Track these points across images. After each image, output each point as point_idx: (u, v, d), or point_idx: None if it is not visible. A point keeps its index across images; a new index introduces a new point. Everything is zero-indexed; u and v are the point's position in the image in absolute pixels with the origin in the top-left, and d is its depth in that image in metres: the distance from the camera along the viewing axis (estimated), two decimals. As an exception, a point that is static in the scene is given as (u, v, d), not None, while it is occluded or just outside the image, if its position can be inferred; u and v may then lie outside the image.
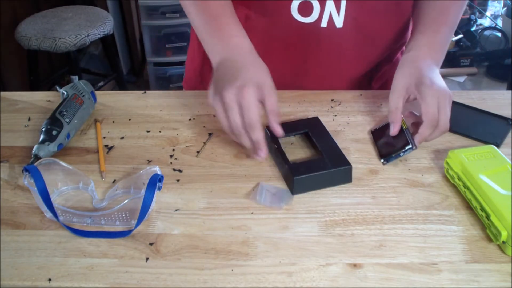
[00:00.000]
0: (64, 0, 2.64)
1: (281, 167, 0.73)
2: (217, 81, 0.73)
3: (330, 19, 0.84)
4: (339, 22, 0.85)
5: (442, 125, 0.73)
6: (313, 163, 0.72)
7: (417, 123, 0.76)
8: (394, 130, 0.76)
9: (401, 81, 0.77)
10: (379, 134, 0.80)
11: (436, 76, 0.76)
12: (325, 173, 0.70)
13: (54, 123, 0.77)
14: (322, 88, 0.93)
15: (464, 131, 0.81)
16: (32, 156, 0.74)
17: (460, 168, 0.68)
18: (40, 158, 0.73)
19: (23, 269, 0.59)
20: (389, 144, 0.76)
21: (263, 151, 0.70)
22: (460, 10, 0.87)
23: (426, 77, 0.75)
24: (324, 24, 0.85)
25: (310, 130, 0.78)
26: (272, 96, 0.71)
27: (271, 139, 0.75)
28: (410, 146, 0.74)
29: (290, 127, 0.79)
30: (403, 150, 0.74)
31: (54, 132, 0.76)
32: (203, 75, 1.03)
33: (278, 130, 0.71)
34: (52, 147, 0.75)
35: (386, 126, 0.79)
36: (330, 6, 0.83)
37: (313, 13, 0.84)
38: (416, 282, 0.57)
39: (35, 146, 0.74)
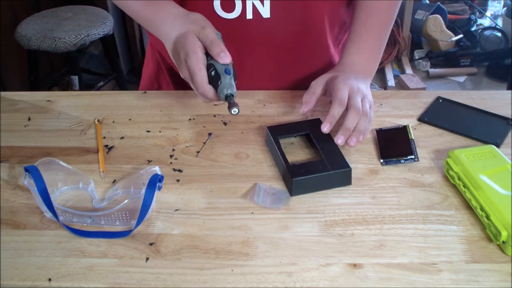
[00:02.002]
0: (64, 0, 2.64)
1: (280, 167, 0.73)
2: (170, 52, 0.78)
3: (255, 11, 0.85)
4: (265, 12, 0.85)
5: (355, 106, 0.73)
6: (312, 164, 0.71)
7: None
8: (304, 110, 0.77)
9: (325, 75, 0.81)
10: (384, 135, 0.80)
11: (358, 82, 0.78)
12: (324, 175, 0.70)
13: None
14: (268, 85, 0.94)
15: (464, 131, 0.81)
16: (224, 98, 0.72)
17: (460, 168, 0.68)
18: (233, 96, 0.72)
19: (23, 269, 0.59)
20: (392, 148, 0.77)
21: (205, 95, 0.74)
22: (393, 3, 0.87)
23: (344, 75, 0.79)
24: (249, 16, 0.85)
25: (311, 131, 0.78)
26: (208, 28, 0.75)
27: (272, 139, 0.75)
28: (413, 157, 0.75)
29: (291, 128, 0.79)
30: (405, 158, 0.74)
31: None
32: (159, 80, 1.04)
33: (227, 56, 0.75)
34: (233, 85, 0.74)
35: (394, 130, 0.80)
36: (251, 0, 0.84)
37: (236, 8, 0.84)
38: (416, 282, 0.57)
39: (222, 87, 0.73)
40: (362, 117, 0.73)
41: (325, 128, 0.72)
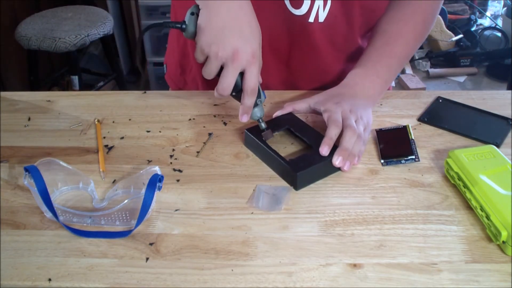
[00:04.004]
0: (64, 0, 2.64)
1: (276, 165, 0.73)
2: (218, 26, 0.70)
3: (317, 14, 0.85)
4: (322, 17, 0.85)
5: (351, 126, 0.73)
6: (309, 156, 0.72)
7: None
8: (277, 112, 0.81)
9: (318, 96, 0.82)
10: (384, 135, 0.80)
11: (352, 104, 0.78)
12: (323, 163, 0.71)
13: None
14: (308, 85, 0.94)
15: (464, 131, 0.81)
16: (257, 119, 0.76)
17: (460, 168, 0.68)
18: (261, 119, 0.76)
19: (23, 269, 0.59)
20: (392, 148, 0.77)
21: (249, 115, 0.75)
22: (411, 41, 0.89)
23: (336, 99, 0.79)
24: (311, 19, 0.85)
25: (291, 125, 0.79)
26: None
27: (258, 140, 0.76)
28: (413, 157, 0.75)
29: (270, 125, 0.79)
30: (405, 158, 0.74)
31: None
32: (183, 66, 1.02)
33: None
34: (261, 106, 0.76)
35: (394, 130, 0.80)
36: (319, 1, 0.83)
37: (303, 6, 0.84)
38: (416, 282, 0.57)
39: (259, 109, 0.76)
40: (356, 138, 0.73)
41: (324, 151, 0.72)
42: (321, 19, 0.85)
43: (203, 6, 0.70)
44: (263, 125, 0.77)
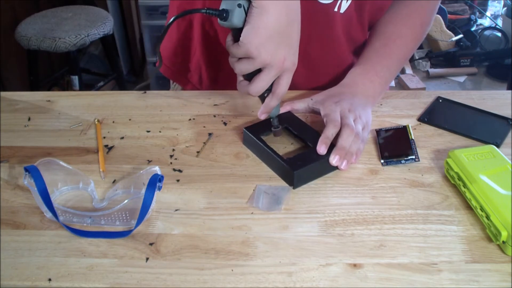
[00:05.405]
0: (64, 0, 2.64)
1: (275, 164, 0.73)
2: (271, 31, 0.67)
3: (340, 4, 0.85)
4: (344, 7, 0.85)
5: (348, 125, 0.74)
6: (307, 154, 0.72)
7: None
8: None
9: (321, 94, 0.83)
10: (384, 135, 0.80)
11: (352, 104, 0.79)
12: (321, 162, 0.71)
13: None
14: (323, 78, 0.94)
15: (464, 131, 0.81)
16: (274, 116, 0.76)
17: (460, 168, 0.68)
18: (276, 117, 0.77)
19: (23, 269, 0.59)
20: (392, 148, 0.77)
21: (266, 115, 0.76)
22: (410, 43, 0.90)
23: (335, 98, 0.80)
24: (336, 8, 0.85)
25: (289, 124, 0.79)
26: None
27: (256, 138, 0.76)
28: (413, 157, 0.75)
29: (267, 125, 0.79)
30: (405, 158, 0.74)
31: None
32: (184, 52, 0.99)
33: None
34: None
35: (394, 130, 0.80)
36: None
37: None
38: (416, 282, 0.57)
39: (278, 109, 0.76)
40: (354, 137, 0.73)
41: (321, 150, 0.72)
42: (342, 9, 0.85)
43: (258, 5, 0.66)
44: (275, 122, 0.77)
